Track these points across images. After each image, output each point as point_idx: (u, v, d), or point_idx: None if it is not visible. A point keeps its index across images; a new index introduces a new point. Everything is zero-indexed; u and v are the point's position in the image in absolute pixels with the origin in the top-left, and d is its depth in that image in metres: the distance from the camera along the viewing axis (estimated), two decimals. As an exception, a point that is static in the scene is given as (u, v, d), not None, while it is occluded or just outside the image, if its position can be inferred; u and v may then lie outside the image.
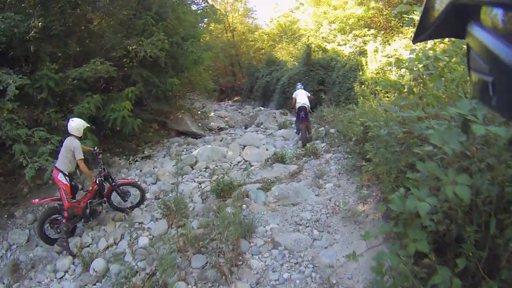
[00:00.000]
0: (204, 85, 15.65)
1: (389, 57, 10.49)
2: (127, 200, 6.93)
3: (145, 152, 11.34)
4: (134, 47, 9.82)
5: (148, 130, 12.35)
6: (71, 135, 5.98)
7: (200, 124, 14.95)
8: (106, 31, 11.19)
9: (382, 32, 14.28)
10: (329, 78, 14.73)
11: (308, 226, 5.04)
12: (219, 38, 29.11)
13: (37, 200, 6.08)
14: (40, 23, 7.82)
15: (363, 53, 13.22)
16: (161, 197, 7.17)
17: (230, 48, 28.33)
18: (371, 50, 11.64)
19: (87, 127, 6.43)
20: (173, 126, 13.73)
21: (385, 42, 12.68)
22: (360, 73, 11.41)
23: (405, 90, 4.42)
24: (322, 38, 17.88)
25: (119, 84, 11.22)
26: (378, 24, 15.64)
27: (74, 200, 6.05)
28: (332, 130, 9.97)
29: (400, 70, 8.03)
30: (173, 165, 5.75)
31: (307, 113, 9.90)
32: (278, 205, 5.78)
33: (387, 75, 10.39)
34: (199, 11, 15.41)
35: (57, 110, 8.31)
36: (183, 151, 11.21)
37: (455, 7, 0.70)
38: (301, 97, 10.33)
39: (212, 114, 19.44)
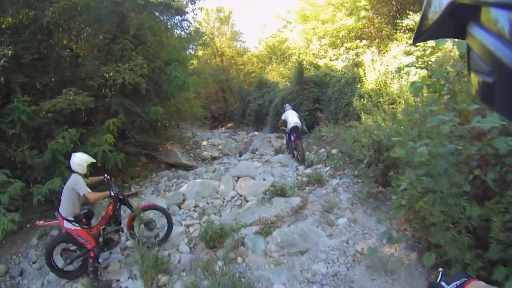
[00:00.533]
0: (193, 113, 14.51)
1: (408, 55, 9.40)
2: (153, 229, 5.87)
3: (131, 189, 10.27)
4: (111, 74, 8.87)
5: (135, 164, 11.26)
6: (74, 172, 5.13)
7: (192, 155, 13.83)
8: (84, 58, 10.24)
9: (377, 40, 13.34)
10: (324, 95, 13.65)
11: (325, 285, 3.78)
12: (208, 64, 28.37)
13: (41, 222, 5.32)
14: (10, 51, 6.99)
15: (357, 65, 12.26)
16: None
17: (220, 73, 27.44)
18: (368, 60, 10.62)
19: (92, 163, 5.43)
20: (162, 159, 12.58)
21: (380, 52, 11.71)
22: (358, 86, 10.32)
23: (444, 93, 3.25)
24: (313, 54, 17.00)
25: (101, 115, 10.20)
26: (370, 35, 14.81)
27: (86, 227, 5.17)
28: (334, 151, 8.84)
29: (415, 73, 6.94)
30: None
31: (300, 133, 9.16)
32: (283, 255, 4.51)
33: (388, 84, 9.33)
34: (184, 35, 14.45)
35: (32, 147, 7.34)
36: (172, 186, 10.08)
37: (455, 7, 0.65)
38: (292, 117, 9.58)
39: (205, 142, 18.38)
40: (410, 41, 10.42)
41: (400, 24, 11.40)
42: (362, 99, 9.43)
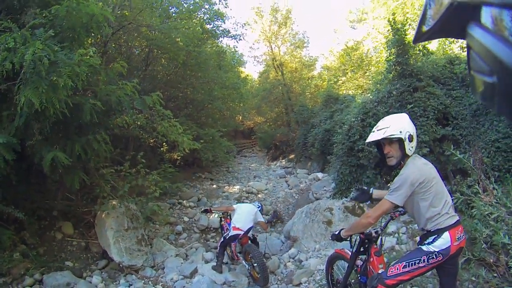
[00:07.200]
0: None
1: None
2: None
3: None
4: None
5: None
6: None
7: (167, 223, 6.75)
8: None
9: None
10: (461, 104, 5.45)
11: None
12: (265, 78, 21.40)
13: None
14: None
15: None
16: None
17: (280, 90, 19.96)
18: None
19: None
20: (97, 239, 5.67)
21: None
22: None
23: None
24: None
25: None
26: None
27: None
28: None
29: None
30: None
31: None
32: None
33: None
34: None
35: None
36: None
37: (455, 7, 0.65)
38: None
39: (236, 187, 11.24)
40: None
41: None
42: None
